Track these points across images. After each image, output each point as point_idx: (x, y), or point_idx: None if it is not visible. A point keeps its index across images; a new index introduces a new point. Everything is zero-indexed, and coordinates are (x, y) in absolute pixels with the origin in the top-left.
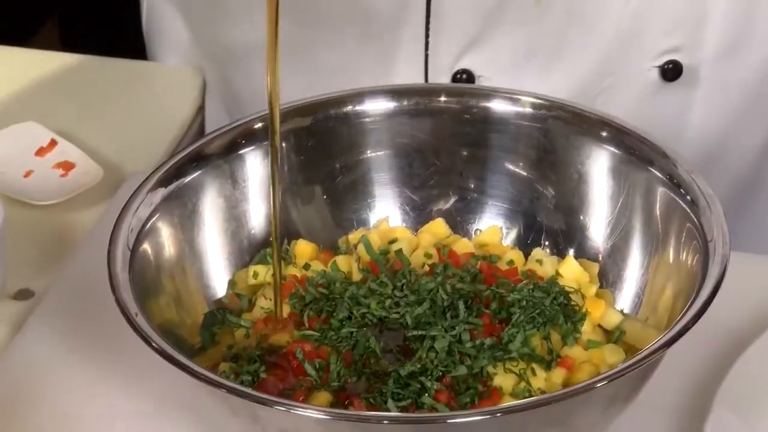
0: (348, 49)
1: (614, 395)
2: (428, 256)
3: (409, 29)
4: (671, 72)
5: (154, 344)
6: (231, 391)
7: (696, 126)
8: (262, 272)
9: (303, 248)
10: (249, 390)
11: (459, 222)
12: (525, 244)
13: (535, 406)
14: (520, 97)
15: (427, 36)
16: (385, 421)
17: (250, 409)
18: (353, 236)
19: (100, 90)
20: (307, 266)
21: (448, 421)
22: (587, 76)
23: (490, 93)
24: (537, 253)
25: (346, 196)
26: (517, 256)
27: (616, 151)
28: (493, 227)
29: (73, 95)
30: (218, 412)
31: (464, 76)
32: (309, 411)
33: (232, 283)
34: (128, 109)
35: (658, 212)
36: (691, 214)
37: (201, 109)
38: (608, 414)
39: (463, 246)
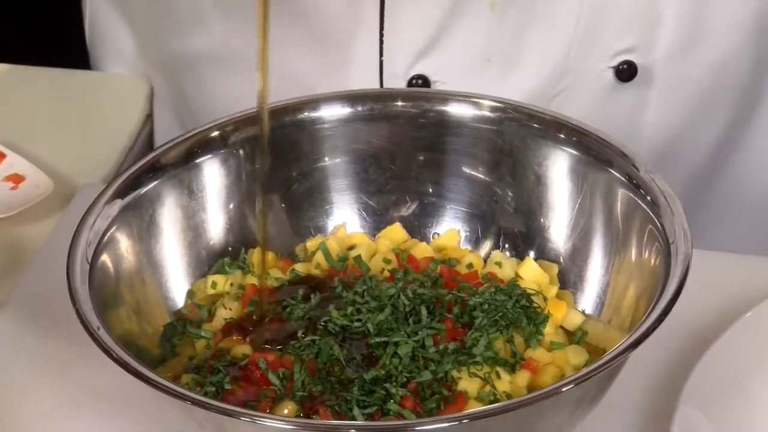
0: (301, 56)
1: (581, 397)
2: (387, 261)
3: (363, 34)
4: (626, 72)
5: (116, 357)
6: (197, 403)
7: (651, 125)
8: (221, 282)
9: (259, 256)
10: (216, 402)
11: (416, 226)
12: (483, 247)
13: (504, 410)
14: (476, 100)
15: (381, 41)
16: (353, 430)
17: (217, 421)
18: (311, 243)
19: (45, 101)
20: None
21: (417, 428)
22: (543, 78)
23: (445, 97)
24: (496, 255)
25: (302, 204)
26: (476, 259)
27: (574, 152)
28: (451, 231)
29: (18, 107)
30: (183, 425)
31: (420, 82)
32: (277, 421)
33: (190, 293)
34: (75, 119)
35: (618, 213)
36: (652, 215)
37: (149, 118)
38: (575, 416)
39: (422, 250)
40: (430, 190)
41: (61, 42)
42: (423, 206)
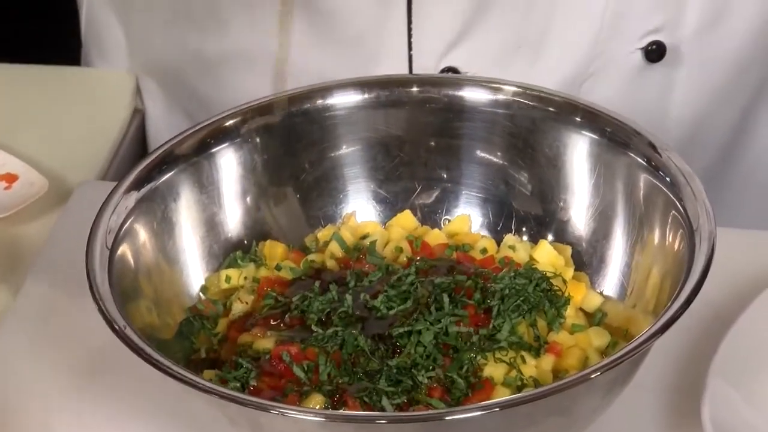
0: (328, 55)
1: (613, 381)
2: (400, 249)
3: (392, 29)
4: (655, 53)
5: (147, 356)
6: (233, 399)
7: (679, 104)
8: (235, 275)
9: (273, 249)
10: (254, 398)
11: (426, 213)
12: (495, 231)
13: (539, 397)
14: (486, 83)
15: (410, 35)
16: (384, 421)
17: (251, 417)
18: (322, 234)
19: (33, 99)
20: (279, 267)
21: (452, 417)
22: (573, 64)
23: (457, 81)
24: (509, 239)
25: (312, 193)
26: (489, 243)
27: (589, 133)
28: (462, 216)
29: (5, 105)
30: (214, 422)
31: (450, 74)
32: (315, 415)
33: (204, 289)
34: (62, 117)
35: (637, 193)
36: (671, 194)
37: (136, 113)
38: (606, 399)
39: (435, 237)
40: (444, 176)
41: (55, 40)
42: (432, 192)
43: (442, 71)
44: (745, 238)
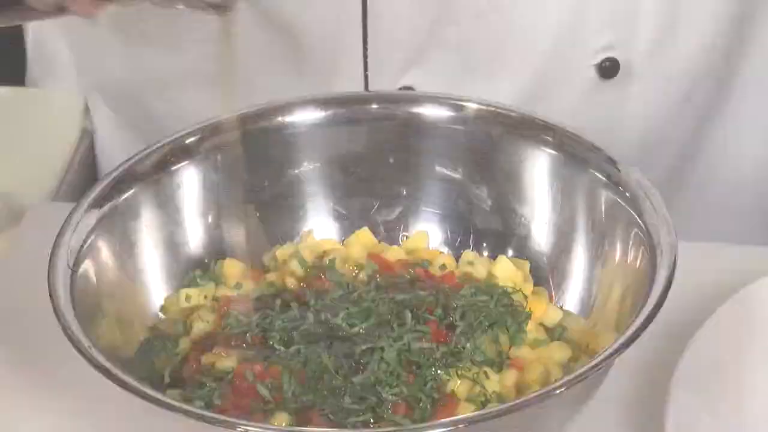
0: (284, 73)
1: (579, 395)
2: (360, 266)
3: (347, 50)
4: (609, 69)
5: (115, 376)
6: (207, 420)
7: (632, 120)
8: (195, 295)
9: (230, 267)
10: (228, 418)
11: (385, 230)
12: (453, 247)
13: (510, 411)
14: (444, 100)
15: (365, 55)
16: None
17: None
18: (281, 252)
19: None
20: (238, 285)
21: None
22: (528, 81)
23: (417, 98)
24: (467, 255)
25: (270, 211)
26: (448, 259)
27: (548, 149)
28: (420, 232)
29: None
30: None
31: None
32: None
33: (163, 308)
34: (10, 137)
35: (597, 208)
36: (631, 210)
37: (85, 134)
38: (572, 412)
39: (394, 254)
40: (403, 192)
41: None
42: (391, 209)
43: (399, 90)
44: (700, 250)
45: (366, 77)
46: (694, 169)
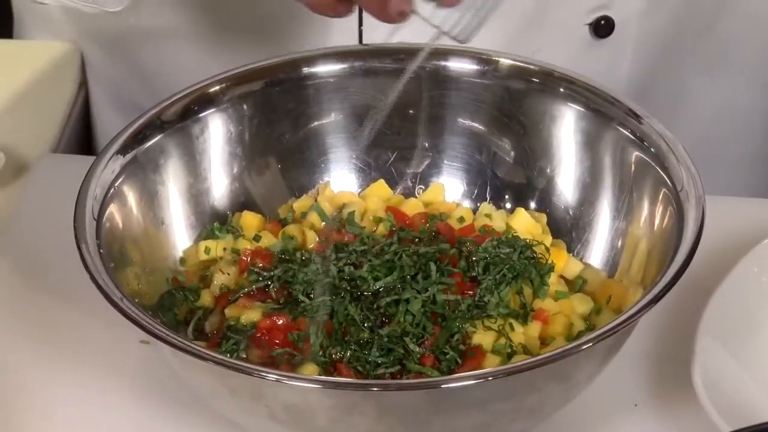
0: (273, 32)
1: (610, 347)
2: (378, 219)
3: None
4: (603, 28)
5: (148, 326)
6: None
7: (624, 80)
8: (213, 247)
9: (249, 220)
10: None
11: (401, 182)
12: (469, 200)
13: (549, 361)
14: (474, 54)
15: (360, 9)
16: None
17: (255, 386)
18: (298, 204)
19: None
20: (257, 238)
21: (455, 384)
22: (520, 35)
23: (442, 51)
24: (484, 207)
25: (289, 163)
26: (466, 212)
27: (573, 104)
28: (436, 184)
29: None
30: (210, 393)
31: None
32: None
33: (182, 260)
34: (7, 90)
35: (620, 160)
36: (654, 162)
37: (82, 86)
38: (602, 365)
39: (412, 206)
40: (426, 144)
41: None
42: (410, 161)
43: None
44: (720, 204)
45: (360, 32)
46: (688, 125)
